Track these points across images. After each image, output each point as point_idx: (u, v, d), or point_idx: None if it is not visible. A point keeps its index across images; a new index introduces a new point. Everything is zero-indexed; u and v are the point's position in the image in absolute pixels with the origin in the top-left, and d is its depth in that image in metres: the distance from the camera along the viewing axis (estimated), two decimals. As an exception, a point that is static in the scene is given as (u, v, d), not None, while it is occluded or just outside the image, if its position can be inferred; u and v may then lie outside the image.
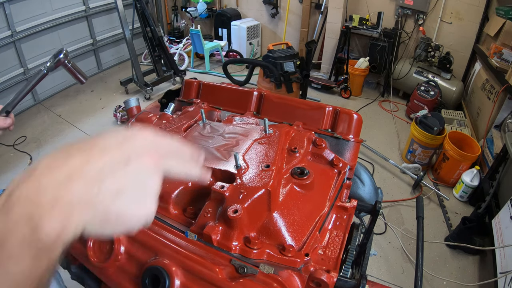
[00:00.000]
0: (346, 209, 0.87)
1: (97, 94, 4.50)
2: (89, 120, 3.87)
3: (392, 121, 3.95)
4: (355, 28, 4.29)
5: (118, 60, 5.43)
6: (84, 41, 4.74)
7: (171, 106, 1.29)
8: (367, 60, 4.32)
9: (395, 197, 2.79)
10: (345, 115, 1.10)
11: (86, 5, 4.58)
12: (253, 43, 5.47)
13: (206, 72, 5.14)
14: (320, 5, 4.69)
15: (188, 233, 0.74)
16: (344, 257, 0.85)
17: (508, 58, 2.95)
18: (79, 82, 1.07)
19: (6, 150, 3.33)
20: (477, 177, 2.63)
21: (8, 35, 3.71)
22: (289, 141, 0.99)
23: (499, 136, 2.80)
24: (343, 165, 0.95)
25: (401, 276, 2.14)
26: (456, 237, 2.30)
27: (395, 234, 2.40)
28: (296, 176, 0.85)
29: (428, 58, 4.02)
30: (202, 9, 5.41)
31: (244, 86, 3.53)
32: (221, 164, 0.86)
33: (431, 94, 3.65)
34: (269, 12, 5.27)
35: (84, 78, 1.07)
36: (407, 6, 4.15)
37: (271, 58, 3.43)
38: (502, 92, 2.82)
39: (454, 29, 4.03)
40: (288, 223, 0.75)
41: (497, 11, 3.16)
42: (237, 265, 0.64)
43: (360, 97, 4.51)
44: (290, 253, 0.68)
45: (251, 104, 1.25)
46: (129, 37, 3.96)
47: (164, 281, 0.62)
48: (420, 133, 2.95)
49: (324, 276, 0.62)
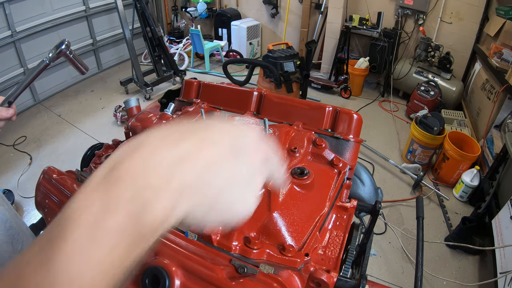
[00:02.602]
0: (346, 209, 0.87)
1: (97, 94, 4.50)
2: (89, 120, 3.88)
3: (392, 121, 3.95)
4: (355, 28, 4.29)
5: (118, 60, 5.43)
6: (84, 41, 4.74)
7: (171, 106, 1.29)
8: (367, 60, 4.32)
9: (395, 197, 2.79)
10: (345, 115, 1.10)
11: (86, 5, 4.58)
12: (253, 43, 5.47)
13: (206, 72, 5.14)
14: (320, 5, 4.69)
15: (188, 233, 0.74)
16: (344, 257, 0.85)
17: (508, 58, 2.95)
18: (80, 72, 1.07)
19: (6, 150, 3.33)
20: (477, 177, 2.63)
21: (8, 35, 3.71)
22: (289, 141, 0.99)
23: (499, 136, 2.80)
24: (343, 165, 0.95)
25: (401, 276, 2.14)
26: (456, 237, 2.30)
27: (395, 234, 2.40)
28: (296, 176, 0.85)
29: (428, 58, 4.02)
30: (202, 9, 5.41)
31: (244, 86, 3.53)
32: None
33: (431, 94, 3.66)
34: (269, 12, 5.27)
35: (85, 69, 1.07)
36: (407, 6, 4.15)
37: (271, 58, 3.43)
38: (502, 92, 2.82)
39: (454, 29, 4.03)
40: (288, 223, 0.75)
41: (497, 11, 3.16)
42: (237, 265, 0.64)
43: (360, 97, 4.51)
44: (290, 253, 0.68)
45: (251, 104, 1.25)
46: (129, 37, 3.95)
47: (164, 281, 0.62)
48: (420, 133, 2.95)
49: (324, 276, 0.62)
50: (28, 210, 2.62)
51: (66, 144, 3.45)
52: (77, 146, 3.38)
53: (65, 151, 3.34)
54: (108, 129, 3.70)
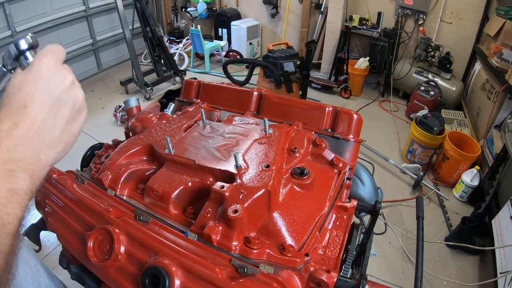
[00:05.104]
0: (346, 209, 0.87)
1: (97, 94, 4.49)
2: (89, 120, 3.86)
3: (392, 121, 3.95)
4: (355, 28, 4.29)
5: (118, 60, 5.43)
6: (84, 41, 4.74)
7: (171, 106, 1.29)
8: (367, 60, 4.32)
9: (395, 197, 2.79)
10: (345, 115, 1.10)
11: (86, 5, 4.58)
12: (253, 43, 5.47)
13: (206, 72, 5.13)
14: (320, 5, 4.69)
15: (188, 233, 0.74)
16: (344, 257, 0.85)
17: (508, 58, 2.95)
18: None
19: (6, 150, 3.32)
20: (477, 177, 2.63)
21: (8, 35, 3.71)
22: (289, 141, 0.99)
23: (499, 136, 2.80)
24: (343, 165, 0.95)
25: (401, 276, 2.14)
26: (456, 237, 2.30)
27: (395, 234, 2.40)
28: (296, 176, 0.85)
29: (428, 58, 4.02)
30: (202, 9, 5.41)
31: (244, 86, 3.53)
32: (221, 164, 0.86)
33: (431, 94, 3.65)
34: (269, 12, 5.27)
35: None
36: (407, 6, 4.14)
37: (271, 58, 3.43)
38: (502, 92, 2.82)
39: (454, 29, 4.03)
40: (288, 223, 0.75)
41: (497, 11, 3.16)
42: (237, 265, 0.64)
43: (360, 97, 4.51)
44: (290, 253, 0.68)
45: (251, 104, 1.25)
46: (129, 37, 3.95)
47: (164, 281, 0.62)
48: (420, 133, 2.95)
49: (324, 276, 0.62)
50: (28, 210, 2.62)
51: (66, 144, 3.44)
52: (77, 146, 3.31)
53: (65, 151, 3.34)
54: (108, 129, 3.70)
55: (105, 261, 0.70)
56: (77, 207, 0.82)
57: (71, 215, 0.82)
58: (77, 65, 4.70)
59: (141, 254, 0.69)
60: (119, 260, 0.70)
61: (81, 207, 0.81)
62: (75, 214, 0.81)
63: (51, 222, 0.85)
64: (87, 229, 0.77)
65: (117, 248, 0.70)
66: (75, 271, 0.93)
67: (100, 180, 0.92)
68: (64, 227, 0.82)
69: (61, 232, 0.82)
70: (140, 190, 0.92)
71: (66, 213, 0.83)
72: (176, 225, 0.79)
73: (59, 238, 0.83)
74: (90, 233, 0.73)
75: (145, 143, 1.01)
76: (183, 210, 0.85)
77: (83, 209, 0.81)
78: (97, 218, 0.77)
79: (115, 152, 1.00)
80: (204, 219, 0.75)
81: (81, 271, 0.93)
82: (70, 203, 0.84)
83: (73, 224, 0.80)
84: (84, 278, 0.92)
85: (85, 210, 0.80)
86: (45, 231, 0.97)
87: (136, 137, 1.06)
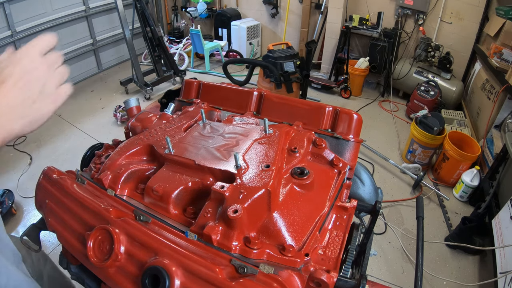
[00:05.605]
0: (346, 209, 0.87)
1: (97, 94, 4.50)
2: (89, 120, 3.88)
3: (392, 121, 3.96)
4: (355, 28, 4.29)
5: (118, 60, 5.43)
6: (84, 41, 4.74)
7: (171, 106, 1.29)
8: (367, 60, 4.32)
9: (395, 197, 2.79)
10: (345, 115, 1.10)
11: (86, 5, 4.58)
12: (253, 43, 5.47)
13: (206, 72, 5.14)
14: (320, 5, 4.69)
15: (188, 233, 0.74)
16: (344, 257, 0.85)
17: (508, 58, 2.95)
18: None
19: (6, 150, 3.32)
20: (477, 177, 2.63)
21: (8, 35, 3.71)
22: (289, 141, 0.99)
23: (499, 136, 2.80)
24: (343, 165, 0.95)
25: (401, 276, 2.14)
26: (456, 237, 2.30)
27: (395, 234, 2.40)
28: (296, 176, 0.85)
29: (428, 58, 4.02)
30: (202, 9, 5.41)
31: (244, 86, 3.53)
32: (221, 164, 0.86)
33: (431, 94, 3.66)
34: (269, 12, 5.27)
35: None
36: (407, 6, 4.15)
37: (271, 58, 3.43)
38: (502, 92, 2.82)
39: (454, 29, 4.03)
40: (288, 223, 0.75)
41: (497, 11, 3.16)
42: (237, 265, 0.64)
43: (360, 97, 4.51)
44: (290, 253, 0.68)
45: (251, 104, 1.25)
46: (129, 37, 3.96)
47: (164, 281, 0.62)
48: (420, 133, 2.95)
49: (324, 276, 0.62)
50: (28, 210, 2.62)
51: (66, 144, 3.45)
52: (77, 146, 3.38)
53: (65, 151, 3.34)
54: (108, 129, 3.70)
55: (105, 261, 0.70)
56: (77, 207, 0.82)
57: (71, 215, 0.82)
58: (77, 65, 4.70)
59: (141, 254, 0.69)
60: (119, 260, 0.70)
61: (81, 207, 0.81)
62: (75, 214, 0.81)
63: (51, 222, 0.85)
64: (87, 229, 0.77)
65: (117, 248, 0.70)
66: (75, 271, 0.93)
67: (100, 180, 0.92)
68: (64, 227, 0.82)
69: (61, 232, 0.82)
70: (140, 190, 0.92)
71: (66, 213, 0.83)
72: (176, 225, 0.79)
73: (59, 238, 0.83)
74: (90, 233, 0.73)
75: (145, 143, 1.01)
76: (183, 210, 0.85)
77: (83, 209, 0.81)
78: (97, 218, 0.77)
79: (115, 152, 1.00)
80: (204, 219, 0.75)
81: (81, 271, 0.93)
82: (70, 203, 0.84)
83: (73, 224, 0.80)
84: (84, 278, 0.92)
85: (85, 210, 0.80)
86: (45, 231, 0.97)
87: (136, 137, 1.06)
